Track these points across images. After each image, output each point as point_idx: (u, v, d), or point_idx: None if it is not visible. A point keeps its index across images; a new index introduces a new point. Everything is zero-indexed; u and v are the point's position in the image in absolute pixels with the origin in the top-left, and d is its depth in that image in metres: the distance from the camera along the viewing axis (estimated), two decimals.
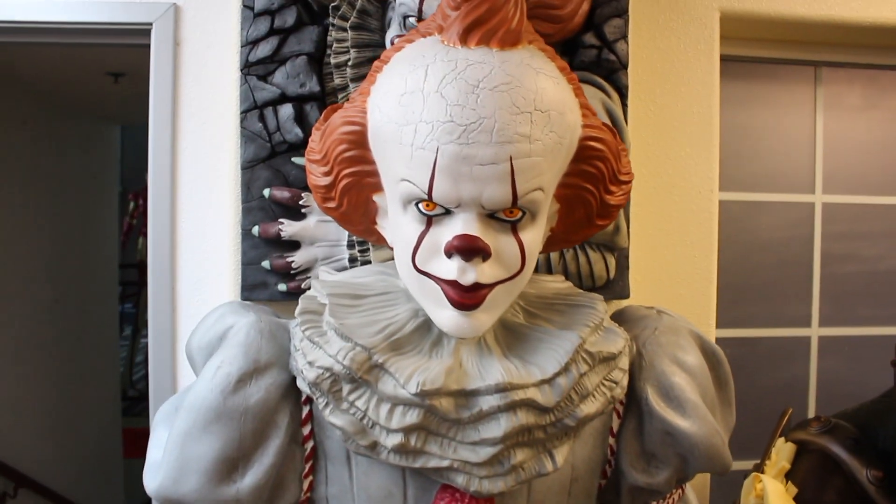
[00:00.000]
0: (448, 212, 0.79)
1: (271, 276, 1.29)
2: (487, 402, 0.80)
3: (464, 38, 0.79)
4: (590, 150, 0.85)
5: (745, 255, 1.90)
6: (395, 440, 0.80)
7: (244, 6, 1.27)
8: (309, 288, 1.23)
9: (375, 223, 0.92)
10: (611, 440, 0.94)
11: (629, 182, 0.91)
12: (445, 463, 0.81)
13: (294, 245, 1.28)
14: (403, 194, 0.80)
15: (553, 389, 0.82)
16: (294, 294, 1.28)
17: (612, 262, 1.32)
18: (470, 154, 0.75)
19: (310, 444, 0.88)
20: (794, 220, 1.94)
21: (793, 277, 1.94)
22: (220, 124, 1.44)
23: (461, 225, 0.78)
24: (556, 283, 1.01)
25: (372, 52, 1.28)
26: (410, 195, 0.79)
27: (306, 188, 1.28)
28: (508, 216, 0.79)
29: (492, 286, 0.80)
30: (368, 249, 1.26)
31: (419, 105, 0.77)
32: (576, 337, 0.85)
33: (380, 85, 0.84)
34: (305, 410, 0.88)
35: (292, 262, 1.27)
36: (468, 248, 0.77)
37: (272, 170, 1.28)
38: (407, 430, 0.80)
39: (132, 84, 3.09)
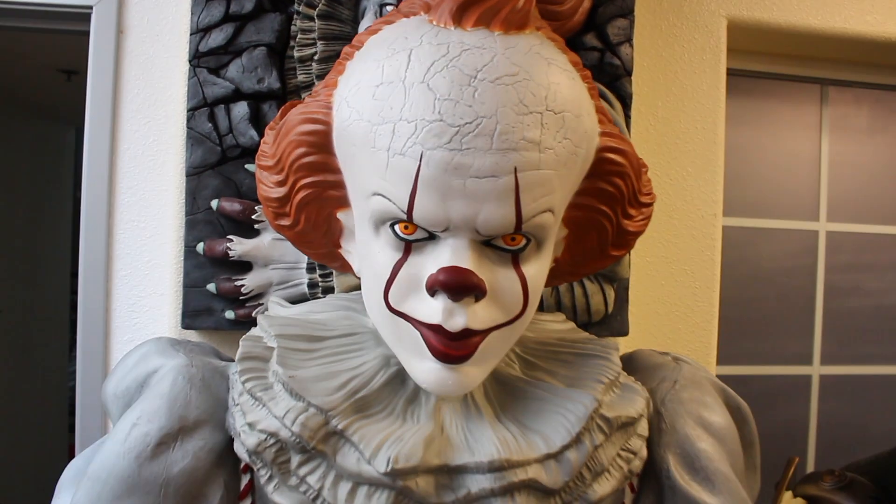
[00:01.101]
0: (432, 236, 0.62)
1: (218, 301, 1.11)
2: (477, 484, 0.63)
3: (458, 18, 0.63)
4: (608, 165, 0.70)
5: (745, 287, 1.75)
6: None
7: None
8: (255, 316, 1.06)
9: (340, 246, 0.75)
10: None
11: (651, 205, 0.76)
12: None
13: (245, 266, 1.10)
14: (376, 212, 0.63)
15: (561, 467, 0.65)
16: (244, 323, 1.10)
17: (610, 294, 1.16)
18: (463, 163, 0.59)
19: None
20: (796, 249, 1.80)
21: (794, 311, 1.80)
22: (168, 124, 1.26)
23: (449, 254, 0.61)
24: (558, 324, 0.84)
25: (342, 45, 1.11)
26: (384, 214, 0.62)
27: None
28: (509, 244, 0.63)
29: (485, 333, 0.63)
30: (331, 274, 1.09)
31: (399, 99, 0.60)
32: (590, 399, 0.69)
33: (350, 74, 0.67)
34: (245, 480, 0.70)
35: (242, 286, 1.08)
36: (458, 285, 0.60)
37: (222, 178, 1.11)
38: None
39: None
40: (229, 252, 1.07)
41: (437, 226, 0.61)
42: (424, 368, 0.64)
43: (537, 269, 0.66)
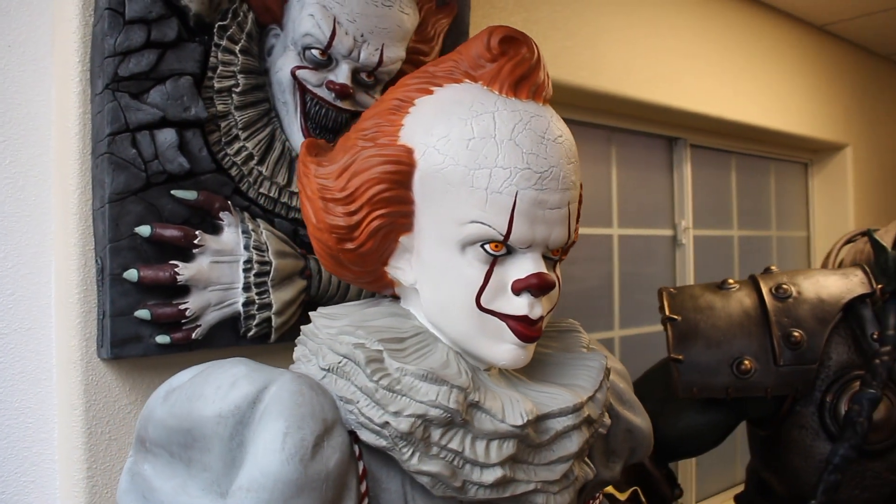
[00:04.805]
0: (509, 252, 0.83)
1: (146, 328, 1.10)
2: (561, 423, 0.86)
3: (515, 91, 0.85)
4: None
5: None
6: (495, 474, 0.80)
7: (110, 10, 1.07)
8: (194, 338, 1.14)
9: (386, 264, 0.90)
10: None
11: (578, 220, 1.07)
12: (532, 486, 0.84)
13: (179, 290, 1.11)
14: (471, 236, 0.81)
15: (595, 405, 0.91)
16: (178, 347, 1.12)
17: None
18: (544, 199, 0.82)
19: (366, 502, 0.82)
20: None
21: None
22: (29, 144, 1.17)
23: (533, 264, 0.83)
24: None
25: (255, 78, 1.19)
26: (480, 237, 0.81)
27: (184, 224, 1.13)
28: (554, 255, 0.87)
29: (544, 318, 0.87)
30: (267, 292, 1.17)
31: (493, 151, 0.80)
32: (602, 357, 0.96)
33: (427, 127, 0.83)
34: (361, 466, 0.82)
35: (186, 309, 1.10)
36: (545, 286, 0.83)
37: (145, 203, 1.10)
38: (503, 463, 0.81)
39: None
40: (177, 277, 1.08)
41: (525, 244, 0.82)
42: (504, 349, 0.85)
43: (560, 272, 0.91)
